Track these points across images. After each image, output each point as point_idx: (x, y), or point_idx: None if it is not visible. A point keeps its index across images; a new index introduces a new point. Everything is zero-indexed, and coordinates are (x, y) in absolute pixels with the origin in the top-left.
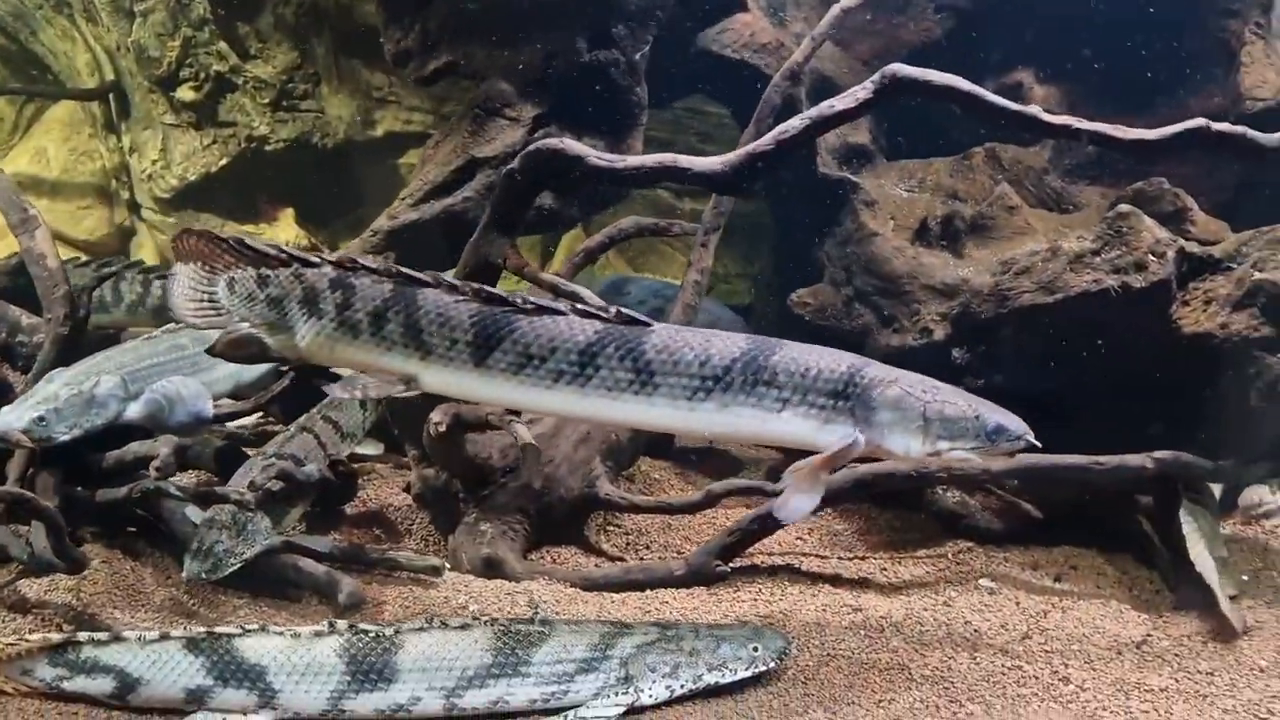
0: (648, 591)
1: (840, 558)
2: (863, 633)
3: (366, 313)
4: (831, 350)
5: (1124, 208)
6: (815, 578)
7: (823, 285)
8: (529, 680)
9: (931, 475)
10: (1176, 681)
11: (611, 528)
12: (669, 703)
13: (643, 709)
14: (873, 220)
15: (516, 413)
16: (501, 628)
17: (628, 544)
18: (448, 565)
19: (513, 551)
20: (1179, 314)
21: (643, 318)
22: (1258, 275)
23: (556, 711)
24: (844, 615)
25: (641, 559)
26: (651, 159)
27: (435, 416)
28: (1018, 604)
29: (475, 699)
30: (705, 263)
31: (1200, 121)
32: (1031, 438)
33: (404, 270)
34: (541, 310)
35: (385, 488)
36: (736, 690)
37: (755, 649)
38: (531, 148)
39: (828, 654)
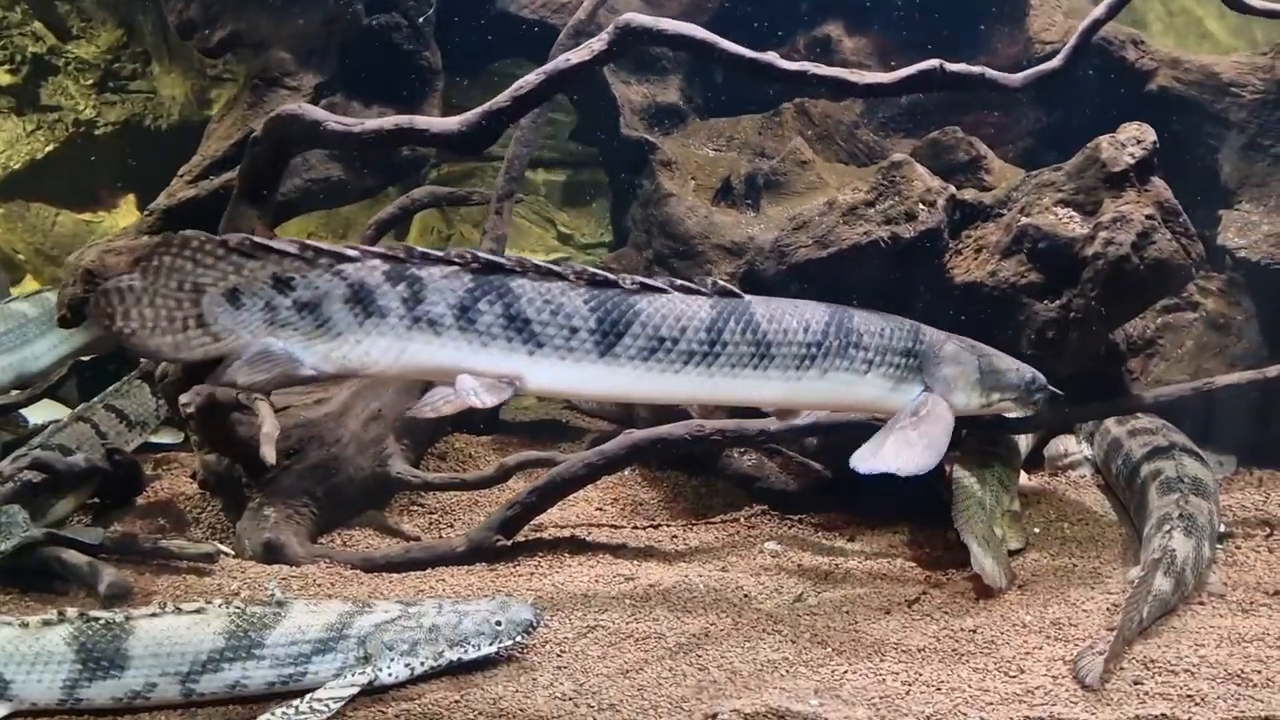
0: (429, 570)
1: (635, 527)
2: (629, 602)
3: (449, 305)
4: (881, 313)
5: (897, 157)
6: (600, 548)
7: (627, 249)
8: (264, 662)
9: (707, 437)
10: (937, 640)
11: (416, 507)
12: (412, 681)
13: (385, 688)
14: (670, 181)
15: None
16: (236, 610)
17: (431, 523)
18: (231, 552)
19: (297, 535)
20: (952, 263)
21: (734, 288)
22: (1024, 220)
23: (298, 694)
24: (615, 585)
25: (442, 537)
26: (389, 121)
27: (184, 399)
28: (800, 566)
29: (212, 683)
30: (501, 230)
31: (933, 63)
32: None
33: (480, 254)
34: (647, 289)
35: (183, 476)
36: (488, 665)
37: (498, 623)
38: (271, 115)
39: (589, 625)
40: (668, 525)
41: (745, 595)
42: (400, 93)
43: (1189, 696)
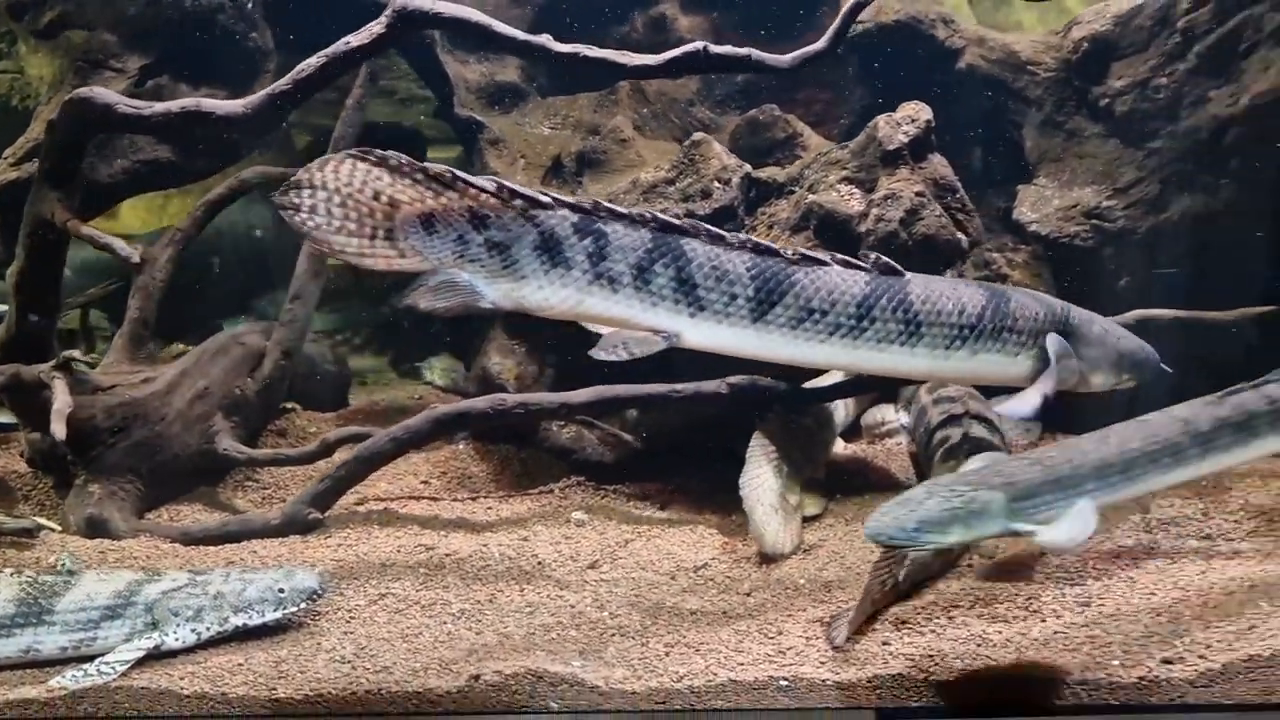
0: (244, 542)
1: (455, 499)
2: (423, 571)
3: (629, 265)
4: (1035, 292)
5: (697, 136)
6: (411, 520)
7: None
8: (55, 628)
9: (508, 410)
10: (712, 604)
11: (250, 483)
12: (199, 646)
13: (173, 653)
14: (496, 160)
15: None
16: (28, 579)
17: (264, 498)
18: (56, 527)
19: (121, 511)
20: None
21: (897, 266)
22: (811, 197)
23: (89, 658)
24: (414, 555)
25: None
26: (176, 104)
27: None
28: (602, 535)
29: (5, 648)
30: None
31: (698, 45)
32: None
33: (659, 215)
34: (807, 260)
35: (18, 454)
36: (277, 631)
37: (282, 591)
38: (67, 98)
39: (381, 593)
40: (488, 497)
41: (539, 563)
42: (229, 74)
43: (929, 656)
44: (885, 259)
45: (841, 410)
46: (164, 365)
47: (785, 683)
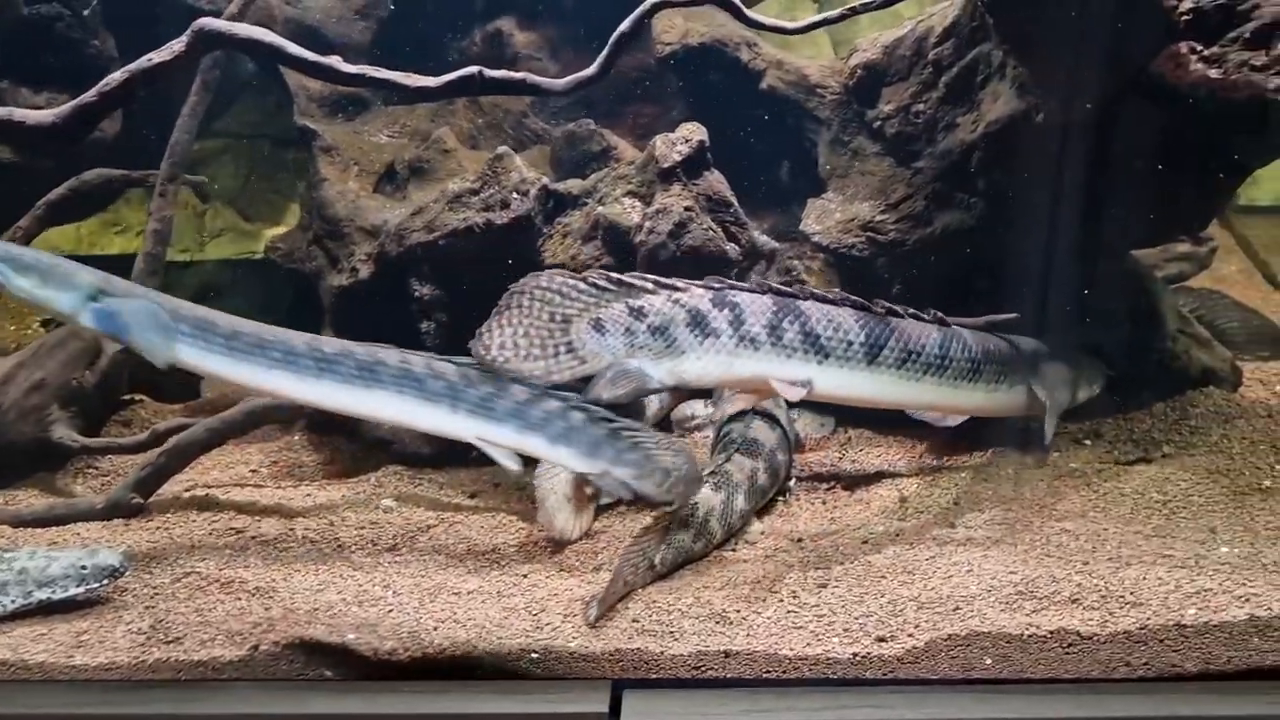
0: (71, 525)
1: (280, 487)
2: (229, 552)
3: (762, 326)
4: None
5: (501, 150)
6: (231, 505)
7: (295, 230)
8: None
9: None
10: (490, 585)
11: (91, 470)
12: (5, 618)
13: None
14: (328, 166)
15: None
16: None
17: (103, 485)
18: None
19: None
20: (544, 246)
21: (945, 318)
22: (600, 209)
23: None
24: (224, 538)
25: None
26: None
27: None
28: (407, 520)
29: None
30: (166, 211)
31: (472, 70)
32: None
33: (770, 283)
34: (891, 312)
35: None
36: (84, 606)
37: (84, 568)
38: None
39: (185, 572)
40: (310, 485)
41: (339, 546)
42: (72, 80)
43: (670, 632)
44: (939, 314)
45: (655, 404)
46: (0, 359)
47: (536, 655)
